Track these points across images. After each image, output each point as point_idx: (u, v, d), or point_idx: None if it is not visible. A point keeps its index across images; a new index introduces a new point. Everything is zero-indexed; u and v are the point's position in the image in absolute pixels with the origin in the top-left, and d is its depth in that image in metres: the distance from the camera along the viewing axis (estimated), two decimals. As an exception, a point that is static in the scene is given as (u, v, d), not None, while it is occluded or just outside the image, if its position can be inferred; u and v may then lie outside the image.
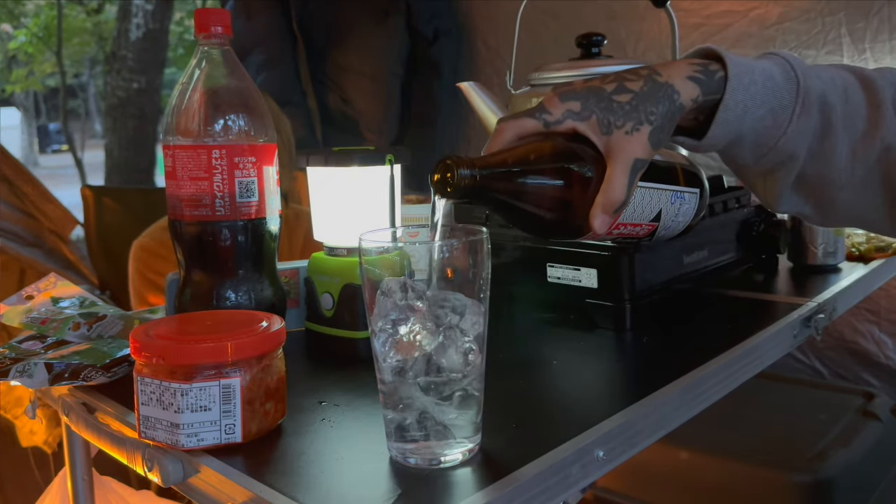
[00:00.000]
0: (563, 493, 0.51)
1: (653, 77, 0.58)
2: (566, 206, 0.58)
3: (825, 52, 1.62)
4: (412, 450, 0.51)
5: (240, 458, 0.54)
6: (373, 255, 0.51)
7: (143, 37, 5.17)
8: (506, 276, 0.84)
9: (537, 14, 1.95)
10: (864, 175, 0.60)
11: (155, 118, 5.25)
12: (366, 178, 0.75)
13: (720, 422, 1.26)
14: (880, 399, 1.43)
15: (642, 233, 0.70)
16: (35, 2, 8.31)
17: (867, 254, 1.11)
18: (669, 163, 0.72)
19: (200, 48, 0.73)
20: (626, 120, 0.57)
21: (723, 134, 0.59)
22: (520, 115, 0.59)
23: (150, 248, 1.66)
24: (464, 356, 0.50)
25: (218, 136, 0.71)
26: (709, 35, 1.76)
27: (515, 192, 0.57)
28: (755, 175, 0.63)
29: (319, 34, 2.33)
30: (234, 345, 0.54)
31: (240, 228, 0.72)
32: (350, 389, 0.67)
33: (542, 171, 0.57)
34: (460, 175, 0.54)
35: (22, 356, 0.71)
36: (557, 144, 0.58)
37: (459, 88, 1.02)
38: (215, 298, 0.73)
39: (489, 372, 0.52)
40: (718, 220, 0.94)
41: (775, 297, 0.94)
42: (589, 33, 0.97)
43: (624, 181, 0.56)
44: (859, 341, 1.61)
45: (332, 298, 0.75)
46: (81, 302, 0.83)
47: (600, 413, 0.58)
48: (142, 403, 0.55)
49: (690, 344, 0.77)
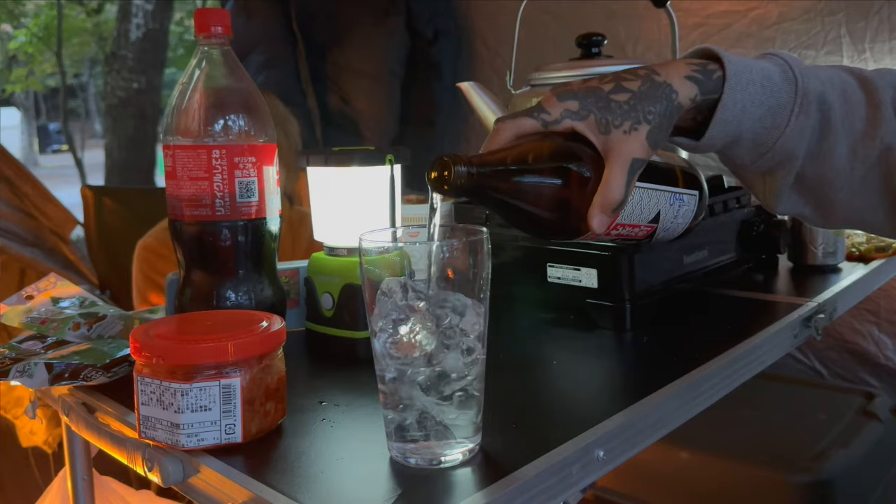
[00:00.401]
0: (563, 493, 0.51)
1: (651, 77, 0.58)
2: (564, 205, 0.58)
3: (825, 52, 1.62)
4: (412, 450, 0.51)
5: (240, 458, 0.54)
6: (373, 255, 0.51)
7: (143, 37, 5.18)
8: (506, 276, 0.84)
9: (537, 14, 1.95)
10: (863, 175, 0.60)
11: (155, 118, 5.25)
12: (366, 178, 0.75)
13: (720, 422, 1.26)
14: (880, 399, 1.43)
15: (641, 234, 0.70)
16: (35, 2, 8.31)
17: (867, 254, 1.11)
18: (668, 164, 0.72)
19: (200, 48, 0.73)
20: (624, 119, 0.57)
21: (721, 134, 0.59)
22: (518, 115, 0.59)
23: (154, 249, 1.66)
24: (464, 356, 0.50)
25: (218, 136, 0.71)
26: (708, 35, 1.76)
27: (513, 191, 0.57)
28: (754, 176, 0.63)
29: (319, 34, 2.33)
30: (234, 345, 0.54)
31: (240, 228, 0.72)
32: (350, 389, 0.67)
33: (540, 171, 0.57)
34: (457, 172, 0.54)
35: (22, 356, 0.71)
36: (555, 144, 0.58)
37: (459, 88, 1.02)
38: (215, 298, 0.73)
39: (489, 372, 0.52)
40: (718, 220, 0.94)
41: (775, 297, 0.94)
42: (589, 33, 0.97)
43: (622, 180, 0.56)
44: (859, 341, 1.61)
45: (332, 298, 0.75)
46: (81, 302, 0.83)
47: (600, 413, 0.58)
48: (142, 403, 0.55)
49: (690, 344, 0.77)
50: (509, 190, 0.57)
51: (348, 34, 2.30)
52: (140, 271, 1.66)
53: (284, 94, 2.18)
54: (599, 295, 0.82)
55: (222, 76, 0.73)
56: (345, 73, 2.32)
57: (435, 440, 0.50)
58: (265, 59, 2.30)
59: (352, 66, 2.31)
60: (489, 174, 0.55)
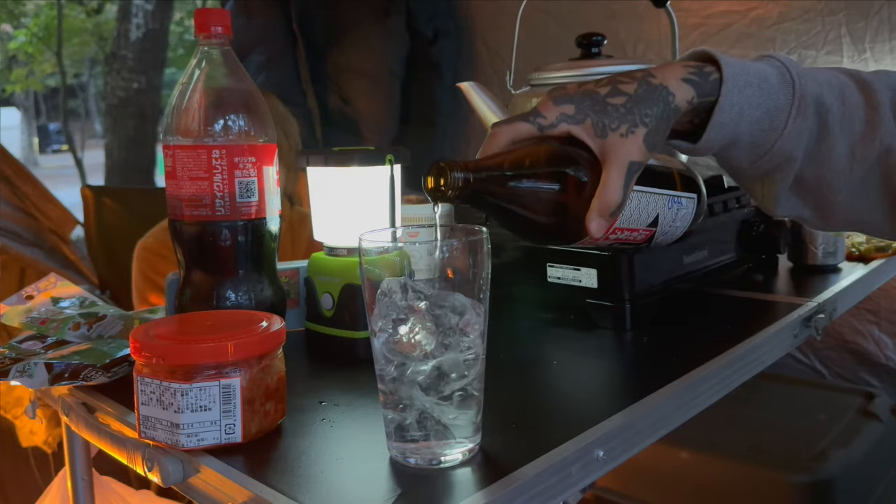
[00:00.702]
0: (563, 493, 0.51)
1: (647, 79, 0.58)
2: (562, 210, 0.58)
3: (825, 52, 1.62)
4: (412, 450, 0.51)
5: (240, 458, 0.54)
6: (373, 255, 0.51)
7: (143, 37, 5.18)
8: (506, 276, 0.84)
9: (537, 14, 1.95)
10: (862, 177, 0.60)
11: (155, 118, 5.25)
12: (366, 178, 0.75)
13: (720, 422, 1.26)
14: (880, 399, 1.43)
15: (640, 238, 0.70)
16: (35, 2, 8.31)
17: (867, 254, 1.11)
18: (666, 168, 0.72)
19: (200, 48, 0.73)
20: (620, 123, 0.56)
21: (718, 136, 0.59)
22: (514, 120, 0.58)
23: (154, 249, 1.66)
24: (464, 356, 0.50)
25: (218, 136, 0.71)
26: (708, 35, 1.76)
27: (510, 197, 0.56)
28: (752, 179, 0.63)
29: (319, 34, 2.33)
30: (234, 345, 0.54)
31: (240, 228, 0.72)
32: (350, 389, 0.67)
33: (537, 175, 0.57)
34: (454, 178, 0.53)
35: (22, 356, 0.71)
36: (552, 148, 0.58)
37: (459, 88, 1.02)
38: (215, 298, 0.73)
39: (489, 372, 0.52)
40: (718, 221, 0.94)
41: (775, 297, 0.94)
42: (589, 33, 0.97)
43: (620, 184, 0.56)
44: (859, 341, 1.61)
45: (332, 298, 0.75)
46: (81, 302, 0.83)
47: (600, 413, 0.58)
48: (142, 403, 0.55)
49: (690, 344, 0.77)
50: (506, 195, 0.56)
51: (348, 34, 2.30)
52: (139, 271, 1.66)
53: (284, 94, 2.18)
54: (599, 295, 0.82)
55: (222, 76, 0.73)
56: (345, 73, 2.32)
57: (435, 440, 0.50)
58: (265, 59, 2.30)
59: (352, 66, 2.30)
60: (486, 180, 0.55)
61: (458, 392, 0.50)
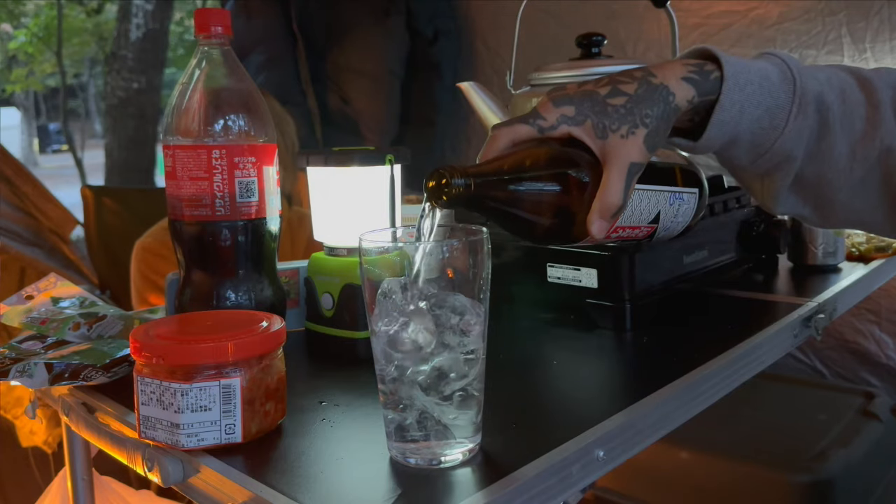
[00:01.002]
0: (563, 493, 0.51)
1: (647, 79, 0.57)
2: (563, 212, 0.58)
3: (825, 52, 1.62)
4: (412, 450, 0.51)
5: (240, 458, 0.54)
6: (373, 255, 0.51)
7: (143, 37, 5.18)
8: (506, 276, 0.84)
9: (537, 14, 1.95)
10: (863, 176, 0.60)
11: (155, 118, 5.25)
12: (366, 178, 0.75)
13: (720, 422, 1.26)
14: (880, 399, 1.43)
15: (641, 235, 0.70)
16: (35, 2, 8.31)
17: (867, 254, 1.11)
18: (667, 163, 0.72)
19: (200, 48, 0.73)
20: (621, 123, 0.56)
21: (719, 135, 0.58)
22: (514, 122, 0.58)
23: (153, 249, 1.66)
24: (464, 356, 0.50)
25: (218, 136, 0.71)
26: (708, 35, 1.76)
27: (511, 200, 0.56)
28: (753, 177, 0.63)
29: (319, 34, 2.33)
30: (234, 345, 0.54)
31: (240, 228, 0.72)
32: (350, 389, 0.67)
33: (537, 178, 0.57)
34: (455, 184, 0.53)
35: (22, 356, 0.71)
36: (553, 150, 0.57)
37: (459, 88, 1.02)
38: (215, 298, 0.73)
39: (489, 372, 0.52)
40: (718, 220, 0.94)
41: (775, 297, 0.94)
42: (589, 33, 0.97)
43: (620, 185, 0.56)
44: (860, 341, 1.61)
45: (332, 298, 0.75)
46: (81, 302, 0.83)
47: (600, 413, 0.58)
48: (142, 403, 0.55)
49: (690, 344, 0.77)
50: (508, 199, 0.56)
51: (348, 34, 2.30)
52: (138, 272, 1.66)
53: (284, 94, 2.18)
54: (599, 295, 0.82)
55: (222, 76, 0.73)
56: (345, 73, 2.32)
57: (435, 440, 0.50)
58: (265, 59, 2.30)
59: (352, 66, 2.31)
60: (487, 184, 0.55)
61: (459, 392, 0.50)
